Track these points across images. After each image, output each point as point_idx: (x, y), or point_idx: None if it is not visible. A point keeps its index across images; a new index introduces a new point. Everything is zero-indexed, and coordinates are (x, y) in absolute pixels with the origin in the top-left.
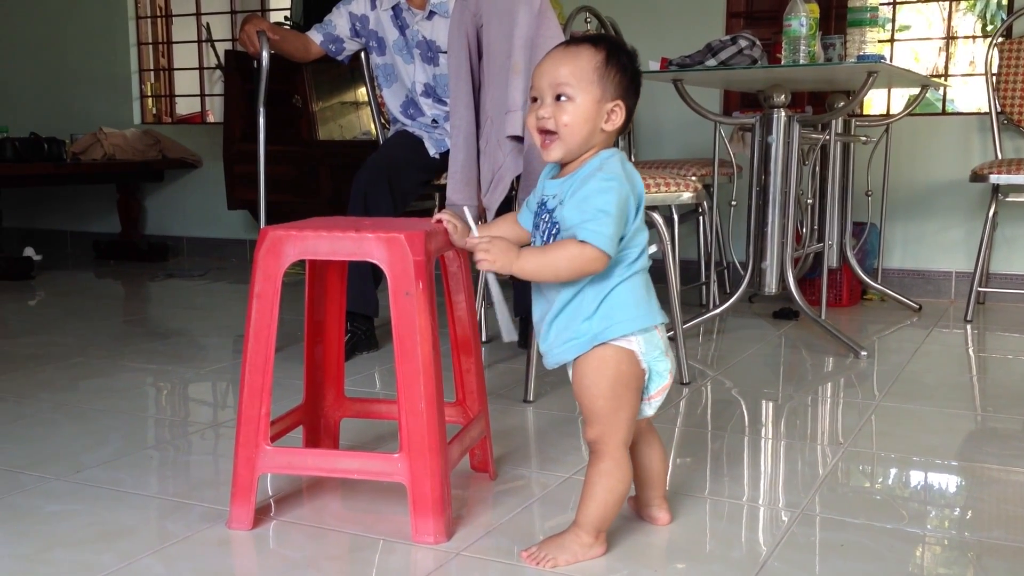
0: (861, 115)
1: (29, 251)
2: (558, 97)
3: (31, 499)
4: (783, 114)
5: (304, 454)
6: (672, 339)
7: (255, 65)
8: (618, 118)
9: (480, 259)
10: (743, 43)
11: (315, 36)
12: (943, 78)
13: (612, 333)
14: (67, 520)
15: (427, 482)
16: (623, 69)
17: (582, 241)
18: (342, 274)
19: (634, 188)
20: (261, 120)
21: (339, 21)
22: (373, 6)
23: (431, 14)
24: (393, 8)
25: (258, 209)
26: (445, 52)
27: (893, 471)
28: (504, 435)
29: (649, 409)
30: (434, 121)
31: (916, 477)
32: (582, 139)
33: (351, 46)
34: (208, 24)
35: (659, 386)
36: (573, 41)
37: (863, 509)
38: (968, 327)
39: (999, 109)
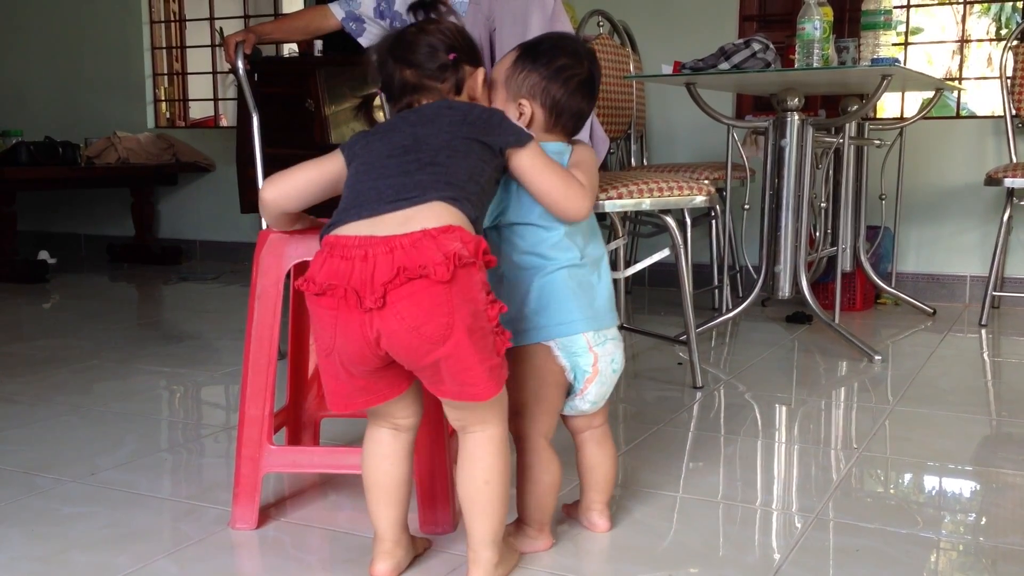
0: (875, 118)
1: (44, 254)
2: None
3: (47, 501)
4: (796, 117)
5: (309, 452)
6: (685, 343)
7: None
8: (527, 115)
9: None
10: (756, 46)
11: (337, 11)
12: (957, 81)
13: (520, 340)
14: (83, 522)
15: (433, 474)
16: (533, 68)
17: None
18: None
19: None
20: (255, 126)
21: None
22: None
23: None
24: None
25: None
26: None
27: (907, 476)
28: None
29: (583, 404)
30: None
31: (931, 482)
32: None
33: (371, 28)
34: (221, 28)
35: (583, 380)
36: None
37: (877, 514)
38: (983, 331)
39: (1014, 112)
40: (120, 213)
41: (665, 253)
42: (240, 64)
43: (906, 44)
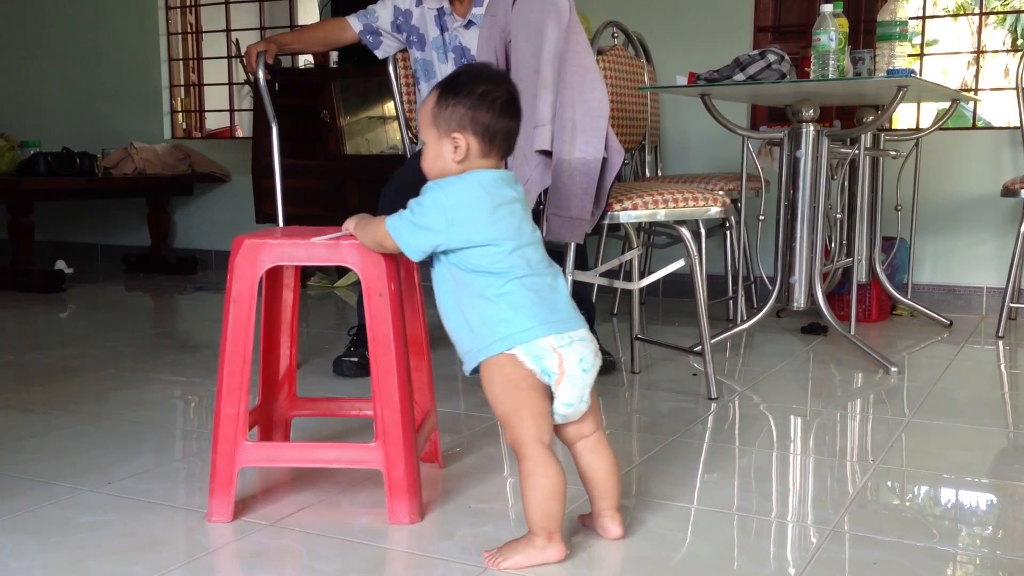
0: (890, 129)
1: (61, 264)
2: None
3: (63, 510)
4: (812, 128)
5: (282, 447)
6: (699, 354)
7: (251, 81)
8: (462, 147)
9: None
10: (771, 57)
11: (355, 23)
12: (973, 92)
13: (486, 353)
14: (99, 531)
15: (401, 467)
16: (456, 100)
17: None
18: (295, 282)
19: (451, 202)
20: (274, 136)
21: (383, 12)
22: (419, 2)
23: (469, 23)
24: (438, 9)
25: (277, 223)
26: None
27: (924, 488)
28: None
29: (559, 406)
30: None
31: (947, 495)
32: (439, 176)
33: (388, 41)
34: (238, 40)
35: (553, 382)
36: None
37: (894, 527)
38: (1000, 343)
39: None
40: (136, 223)
41: (680, 264)
42: (261, 74)
43: (922, 55)
